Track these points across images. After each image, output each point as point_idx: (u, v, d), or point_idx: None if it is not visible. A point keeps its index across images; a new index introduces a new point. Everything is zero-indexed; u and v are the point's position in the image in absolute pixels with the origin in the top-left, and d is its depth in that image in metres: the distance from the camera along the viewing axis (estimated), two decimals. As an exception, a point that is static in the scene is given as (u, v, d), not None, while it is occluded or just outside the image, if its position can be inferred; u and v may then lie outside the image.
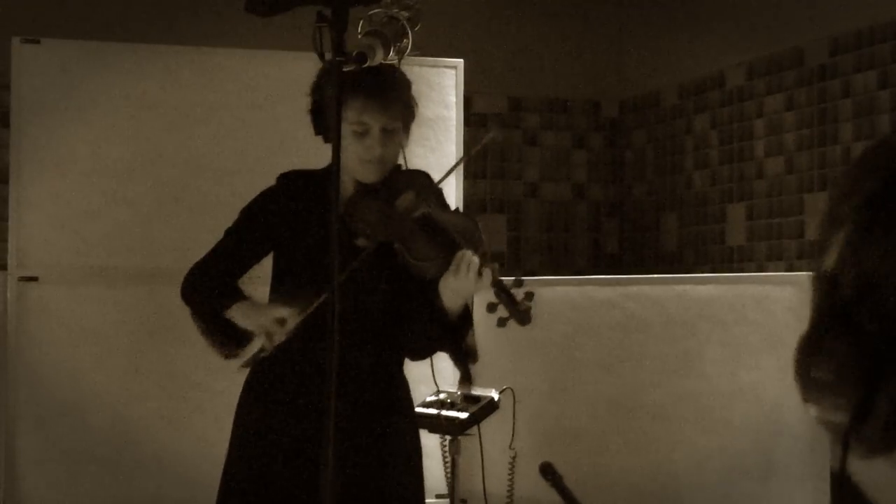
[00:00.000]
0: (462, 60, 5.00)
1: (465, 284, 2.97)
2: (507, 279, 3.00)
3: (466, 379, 3.28)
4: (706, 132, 6.43)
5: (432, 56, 5.15)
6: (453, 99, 4.97)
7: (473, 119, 6.88)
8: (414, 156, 4.71)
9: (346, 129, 3.18)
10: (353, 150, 3.19)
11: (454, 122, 4.96)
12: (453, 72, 4.98)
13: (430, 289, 3.05)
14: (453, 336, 3.11)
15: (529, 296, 2.94)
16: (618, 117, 7.21)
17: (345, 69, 2.90)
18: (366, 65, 3.10)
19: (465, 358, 3.18)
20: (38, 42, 4.59)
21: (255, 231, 3.28)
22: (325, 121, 3.20)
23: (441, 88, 4.94)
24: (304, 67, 3.28)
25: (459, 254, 2.98)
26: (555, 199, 7.11)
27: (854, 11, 5.38)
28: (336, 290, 2.68)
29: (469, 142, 6.38)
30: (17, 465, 4.51)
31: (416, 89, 4.71)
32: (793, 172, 5.74)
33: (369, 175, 3.22)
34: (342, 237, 3.15)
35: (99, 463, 4.57)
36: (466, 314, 3.12)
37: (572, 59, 7.06)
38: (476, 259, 2.96)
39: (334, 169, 2.76)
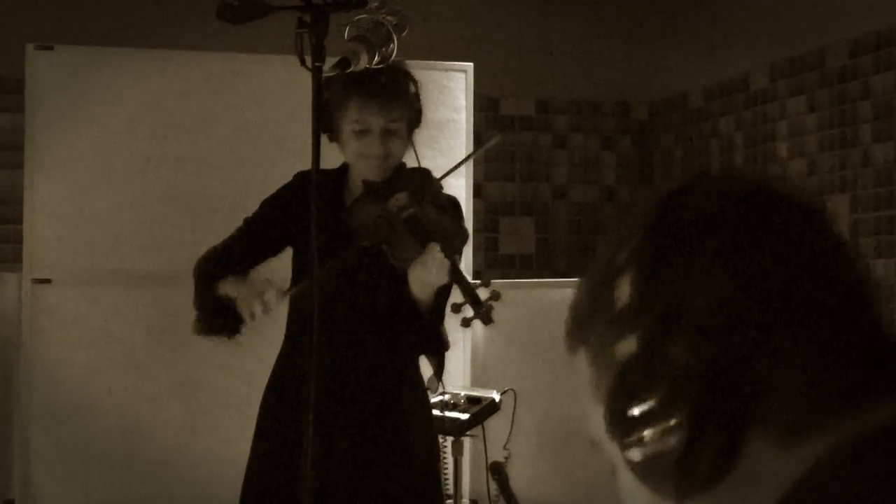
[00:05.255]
0: (472, 64, 5.02)
1: (428, 275, 3.02)
2: (475, 281, 3.03)
3: (439, 372, 3.29)
4: (731, 134, 6.40)
5: (448, 60, 5.19)
6: (463, 102, 4.98)
7: (501, 121, 6.89)
8: (423, 158, 4.75)
9: (347, 128, 3.23)
10: (354, 147, 3.25)
11: (464, 125, 4.98)
12: (463, 75, 4.99)
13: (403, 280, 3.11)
14: (423, 325, 3.15)
15: (495, 295, 2.96)
16: (646, 119, 7.19)
17: (325, 74, 2.95)
18: (349, 70, 3.14)
19: (437, 348, 3.21)
20: (51, 48, 4.67)
21: (270, 222, 3.33)
22: (329, 119, 3.25)
23: (451, 92, 4.96)
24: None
25: (429, 246, 3.03)
26: (583, 201, 7.10)
27: (873, 13, 5.33)
28: (315, 291, 2.72)
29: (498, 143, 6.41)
30: (30, 464, 4.58)
31: (426, 93, 4.74)
32: (815, 174, 5.70)
33: (371, 172, 3.26)
34: (347, 237, 3.20)
35: (110, 462, 4.63)
36: (437, 306, 3.15)
37: (601, 61, 7.04)
38: (438, 251, 3.00)
39: (314, 174, 2.79)
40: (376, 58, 3.24)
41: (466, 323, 3.00)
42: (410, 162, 3.39)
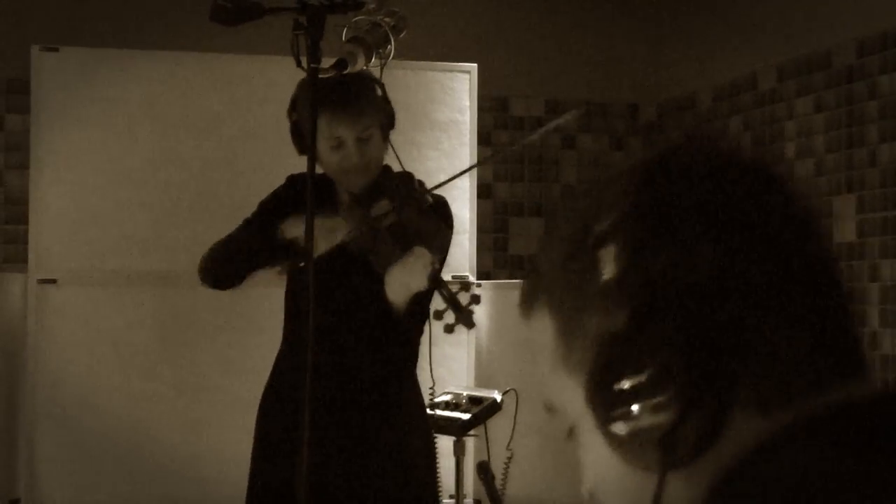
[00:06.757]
0: (476, 65, 5.02)
1: (408, 275, 3.00)
2: (454, 284, 3.00)
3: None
4: (739, 134, 6.38)
5: (458, 60, 5.20)
6: (467, 103, 4.99)
7: (510, 122, 6.88)
8: (427, 159, 4.78)
9: (322, 144, 3.22)
10: (332, 161, 3.24)
11: (467, 126, 4.98)
12: (466, 76, 5.00)
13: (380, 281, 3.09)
14: (397, 329, 3.15)
15: (476, 299, 2.94)
16: (655, 120, 7.18)
17: (322, 76, 2.96)
18: (346, 71, 3.14)
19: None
20: (56, 50, 4.70)
21: (268, 223, 3.34)
22: (301, 137, 3.26)
23: (454, 93, 4.96)
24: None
25: (414, 250, 3.02)
26: (592, 201, 7.09)
27: (880, 13, 5.32)
28: (313, 299, 2.72)
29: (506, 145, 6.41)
30: (35, 463, 4.60)
31: (430, 93, 4.75)
32: (822, 175, 5.69)
33: (352, 183, 3.27)
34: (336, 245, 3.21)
35: (116, 462, 4.65)
36: (414, 311, 3.14)
37: (610, 62, 7.04)
38: (426, 253, 2.99)
39: (309, 184, 2.80)
40: (373, 59, 3.24)
41: (450, 329, 2.97)
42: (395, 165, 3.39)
